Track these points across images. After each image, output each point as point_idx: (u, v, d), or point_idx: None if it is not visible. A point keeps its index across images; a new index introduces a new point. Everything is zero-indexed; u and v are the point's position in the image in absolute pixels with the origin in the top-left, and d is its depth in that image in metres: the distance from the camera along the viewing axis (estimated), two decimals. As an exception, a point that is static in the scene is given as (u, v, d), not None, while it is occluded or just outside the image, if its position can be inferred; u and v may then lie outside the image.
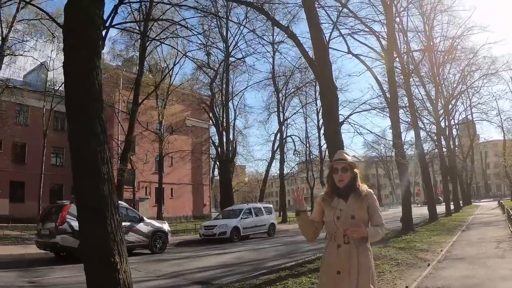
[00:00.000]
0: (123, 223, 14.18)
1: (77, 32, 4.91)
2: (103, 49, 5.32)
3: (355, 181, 3.32)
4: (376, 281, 3.24)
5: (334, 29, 13.40)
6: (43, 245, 13.83)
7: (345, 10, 17.82)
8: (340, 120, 11.41)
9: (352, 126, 13.21)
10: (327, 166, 3.84)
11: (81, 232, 4.63)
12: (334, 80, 11.21)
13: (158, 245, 15.74)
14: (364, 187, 3.33)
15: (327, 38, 12.53)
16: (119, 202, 16.40)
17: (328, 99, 10.63)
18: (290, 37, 11.15)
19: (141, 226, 15.32)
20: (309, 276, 8.00)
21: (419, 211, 33.83)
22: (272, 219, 23.73)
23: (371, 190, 3.35)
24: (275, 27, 27.03)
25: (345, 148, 11.87)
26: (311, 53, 12.29)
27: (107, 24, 5.90)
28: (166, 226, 16.44)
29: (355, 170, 3.36)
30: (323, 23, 12.66)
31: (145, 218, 15.93)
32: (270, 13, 12.01)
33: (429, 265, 9.06)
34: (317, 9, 12.08)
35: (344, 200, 3.25)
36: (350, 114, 13.27)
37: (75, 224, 13.07)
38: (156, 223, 16.35)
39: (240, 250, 16.32)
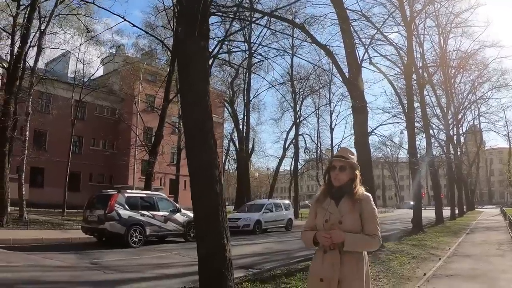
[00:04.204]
0: (163, 213, 15.84)
1: (189, 63, 5.93)
2: (209, 76, 6.57)
3: (352, 183, 3.06)
4: None
5: (365, 53, 14.94)
6: (90, 231, 15.05)
7: (368, 22, 19.32)
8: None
9: (378, 137, 14.69)
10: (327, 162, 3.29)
11: (197, 221, 6.02)
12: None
13: (192, 234, 16.69)
14: (360, 190, 3.05)
15: (360, 59, 14.04)
16: (159, 193, 17.96)
17: (359, 112, 12.15)
18: (328, 55, 12.51)
19: (178, 216, 16.62)
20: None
21: (423, 214, 35.28)
22: (290, 215, 25.23)
23: (368, 194, 3.07)
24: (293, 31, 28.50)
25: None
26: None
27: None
28: (199, 217, 17.79)
29: (356, 171, 3.11)
30: (358, 45, 14.19)
31: (181, 209, 17.18)
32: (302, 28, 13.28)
33: (440, 259, 10.77)
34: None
35: (336, 202, 3.02)
36: (378, 126, 14.70)
37: (122, 212, 14.54)
38: (190, 214, 17.27)
39: (266, 241, 17.72)
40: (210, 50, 25.39)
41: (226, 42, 31.68)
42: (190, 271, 9.77)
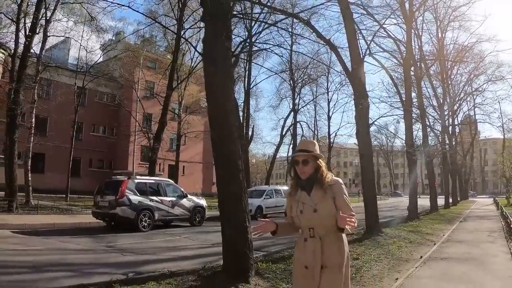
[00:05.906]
0: (171, 198, 16.40)
1: (215, 62, 6.43)
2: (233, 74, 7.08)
3: (317, 172, 3.08)
4: (350, 280, 3.10)
5: (367, 49, 15.51)
6: (101, 215, 15.56)
7: (367, 12, 19.78)
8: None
9: (378, 128, 15.39)
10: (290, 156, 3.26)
11: (222, 206, 6.63)
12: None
13: (197, 219, 17.63)
14: (329, 176, 3.07)
15: (362, 53, 14.61)
16: (166, 179, 18.53)
17: (361, 105, 12.76)
18: (332, 49, 13.16)
19: (184, 201, 17.18)
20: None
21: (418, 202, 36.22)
22: (289, 201, 25.93)
23: (338, 179, 3.12)
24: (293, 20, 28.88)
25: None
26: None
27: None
28: (203, 202, 18.33)
29: (319, 161, 3.12)
30: (359, 39, 14.75)
31: (188, 195, 17.72)
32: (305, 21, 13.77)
33: (435, 244, 11.60)
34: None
35: (307, 192, 3.06)
36: (378, 118, 15.40)
37: (132, 197, 15.10)
38: (196, 199, 18.18)
39: (269, 226, 18.31)
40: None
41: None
42: (202, 253, 10.51)
